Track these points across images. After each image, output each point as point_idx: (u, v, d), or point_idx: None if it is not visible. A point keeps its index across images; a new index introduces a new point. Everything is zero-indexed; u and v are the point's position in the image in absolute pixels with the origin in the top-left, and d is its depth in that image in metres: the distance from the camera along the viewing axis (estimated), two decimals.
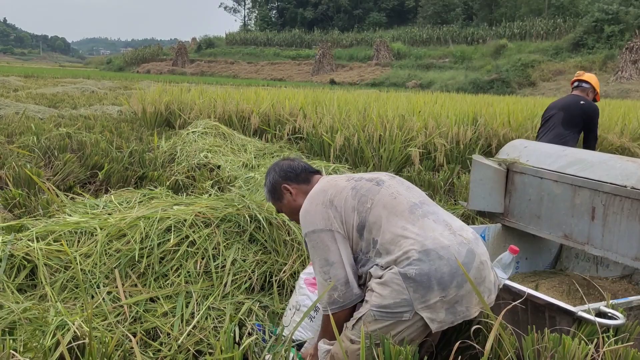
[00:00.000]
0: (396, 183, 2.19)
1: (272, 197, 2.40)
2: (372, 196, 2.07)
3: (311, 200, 2.16)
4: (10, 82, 21.04)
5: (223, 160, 5.79)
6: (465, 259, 1.92)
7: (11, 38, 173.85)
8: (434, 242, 1.91)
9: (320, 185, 2.23)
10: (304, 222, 2.13)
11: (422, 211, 2.05)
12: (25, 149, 6.04)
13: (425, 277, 1.86)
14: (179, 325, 2.43)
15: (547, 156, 3.41)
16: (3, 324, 2.00)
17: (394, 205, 2.04)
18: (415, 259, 1.88)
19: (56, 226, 2.81)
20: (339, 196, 2.11)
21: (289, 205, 2.35)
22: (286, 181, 2.34)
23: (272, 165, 2.44)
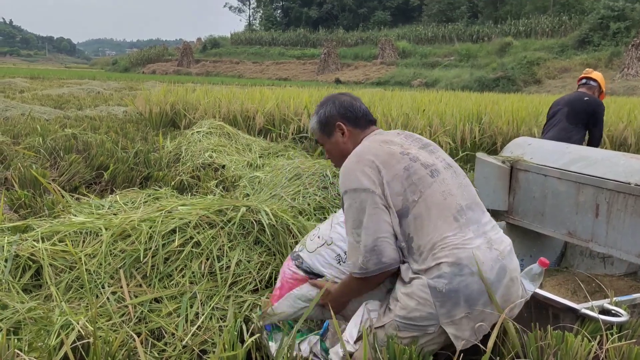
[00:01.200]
0: (450, 177, 2.02)
1: (321, 130, 2.24)
2: (422, 188, 1.92)
3: (358, 159, 2.01)
4: (16, 83, 21.15)
5: (228, 160, 5.81)
6: (496, 277, 1.85)
7: (17, 40, 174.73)
8: (468, 256, 1.82)
9: (373, 145, 2.06)
10: (345, 179, 1.99)
11: (466, 219, 1.92)
12: (31, 150, 6.08)
13: (454, 293, 1.80)
14: (184, 325, 2.44)
15: (551, 153, 3.40)
16: (8, 324, 2.02)
17: (442, 208, 1.90)
18: (447, 272, 1.81)
19: (61, 226, 2.83)
20: (390, 168, 1.95)
21: (336, 145, 2.21)
22: (343, 119, 2.19)
23: (330, 97, 2.27)
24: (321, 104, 2.27)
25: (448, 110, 8.34)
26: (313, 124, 2.27)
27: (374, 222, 1.89)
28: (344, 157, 2.11)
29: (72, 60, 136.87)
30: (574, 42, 39.00)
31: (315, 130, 2.27)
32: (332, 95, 2.27)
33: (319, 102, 2.30)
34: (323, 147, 2.30)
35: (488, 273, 1.83)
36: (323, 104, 2.25)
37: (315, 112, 2.27)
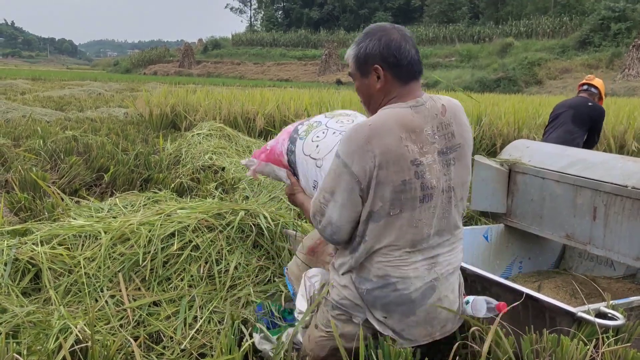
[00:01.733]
0: (440, 203, 1.89)
1: (356, 66, 1.94)
2: (404, 209, 1.83)
3: (369, 139, 1.78)
4: (17, 85, 21.21)
5: (228, 162, 5.82)
6: (420, 296, 1.88)
7: (19, 41, 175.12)
8: (399, 275, 1.86)
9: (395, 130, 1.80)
10: (346, 147, 1.82)
11: (426, 245, 1.89)
12: (32, 152, 6.09)
13: (372, 298, 1.88)
14: (182, 329, 2.45)
15: (549, 156, 3.41)
16: (7, 328, 2.04)
17: (407, 233, 1.85)
18: (372, 280, 1.87)
19: (61, 230, 2.84)
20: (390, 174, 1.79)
21: (367, 88, 1.93)
22: (384, 63, 1.86)
23: (378, 28, 1.91)
24: (366, 34, 1.92)
25: None
26: (350, 56, 1.96)
27: (345, 205, 1.83)
28: (371, 103, 1.95)
29: (73, 62, 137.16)
30: (575, 42, 39.03)
31: (350, 63, 1.97)
32: (381, 27, 1.91)
33: (365, 31, 1.95)
34: (353, 80, 2.03)
35: (413, 292, 1.87)
36: (367, 36, 1.90)
37: (355, 42, 1.95)
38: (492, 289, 2.55)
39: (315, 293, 2.12)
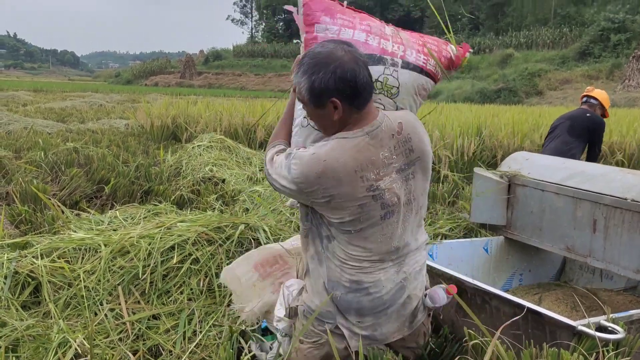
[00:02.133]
0: (403, 216, 1.94)
1: (310, 97, 1.84)
2: (364, 226, 1.87)
3: (322, 174, 1.79)
4: (19, 96, 21.29)
5: (228, 173, 5.84)
6: (392, 297, 1.95)
7: (21, 53, 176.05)
8: (371, 280, 1.92)
9: (349, 164, 1.81)
10: (299, 173, 1.82)
11: (396, 255, 1.96)
12: (33, 164, 6.11)
13: (347, 304, 1.92)
14: (181, 342, 2.45)
15: (548, 168, 3.42)
16: (7, 341, 2.04)
17: (374, 247, 1.90)
18: (346, 285, 1.91)
19: (61, 243, 2.85)
20: (344, 203, 1.82)
21: (322, 118, 1.88)
22: (340, 95, 1.80)
23: (331, 57, 1.79)
24: (317, 64, 1.80)
25: (448, 122, 8.37)
26: (301, 86, 1.85)
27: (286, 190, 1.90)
28: (327, 130, 1.91)
29: (75, 73, 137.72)
30: (575, 53, 39.14)
31: (303, 92, 1.85)
32: (334, 56, 1.79)
33: (314, 57, 1.82)
34: (302, 105, 1.94)
35: (384, 295, 1.93)
36: (320, 67, 1.79)
37: (305, 71, 1.82)
38: (492, 301, 2.55)
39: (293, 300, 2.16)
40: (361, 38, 1.93)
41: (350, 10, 1.99)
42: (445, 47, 2.08)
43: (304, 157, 1.83)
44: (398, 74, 1.96)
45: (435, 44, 2.06)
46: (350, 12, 1.98)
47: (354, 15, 1.97)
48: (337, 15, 1.94)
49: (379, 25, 1.99)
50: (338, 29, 1.92)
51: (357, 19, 1.96)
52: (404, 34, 2.04)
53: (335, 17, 1.93)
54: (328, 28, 1.92)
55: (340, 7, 1.98)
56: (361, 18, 1.98)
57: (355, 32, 1.93)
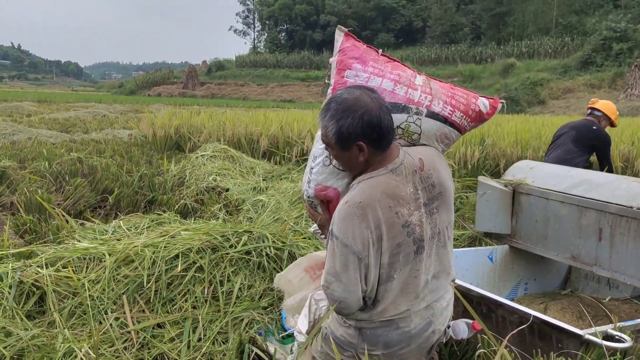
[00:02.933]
0: (432, 247, 2.00)
1: (337, 142, 1.90)
2: (402, 266, 1.91)
3: (363, 212, 1.85)
4: (23, 107, 21.36)
5: (232, 183, 5.84)
6: (419, 331, 1.99)
7: (25, 64, 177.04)
8: (401, 318, 1.96)
9: (383, 201, 1.87)
10: (340, 224, 1.85)
11: (428, 291, 2.00)
12: (37, 174, 6.13)
13: (375, 338, 1.96)
14: (186, 351, 2.44)
15: (553, 177, 3.41)
16: (12, 351, 2.03)
17: (409, 286, 1.94)
18: (376, 322, 1.95)
19: (65, 252, 2.85)
20: (386, 242, 1.88)
21: (348, 160, 1.95)
22: (366, 140, 1.88)
23: (357, 104, 1.87)
24: (345, 110, 1.88)
25: None
26: (329, 130, 1.91)
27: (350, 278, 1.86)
28: (352, 170, 2.00)
29: (79, 84, 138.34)
30: (577, 63, 39.22)
31: (330, 138, 1.92)
32: (360, 102, 1.88)
33: (341, 103, 1.89)
34: (327, 147, 2.01)
35: (412, 329, 1.98)
36: (348, 113, 1.87)
37: (333, 116, 1.90)
38: (498, 311, 2.54)
39: (321, 316, 2.15)
40: (389, 87, 2.00)
41: (384, 58, 2.06)
42: (475, 100, 2.11)
43: (340, 213, 1.87)
44: (421, 122, 2.03)
45: (465, 97, 2.09)
46: (383, 61, 2.05)
47: (386, 64, 2.04)
48: (369, 63, 2.02)
49: (409, 75, 2.06)
50: (367, 77, 2.01)
51: (389, 68, 2.03)
52: (435, 84, 2.09)
53: (367, 65, 2.01)
54: (358, 75, 2.00)
55: (375, 54, 2.05)
56: (392, 67, 2.05)
57: (383, 80, 2.01)
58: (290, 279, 2.45)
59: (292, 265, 2.56)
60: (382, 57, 2.06)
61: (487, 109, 2.11)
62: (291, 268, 2.54)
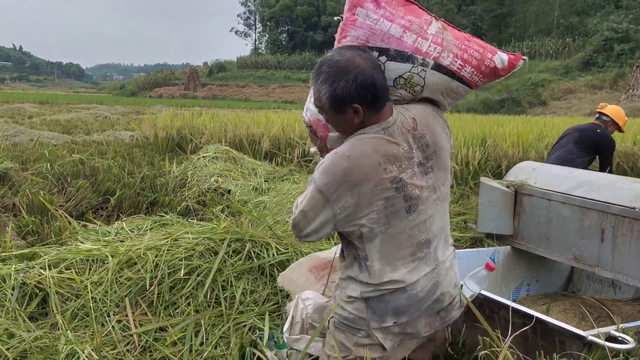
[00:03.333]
0: (429, 207, 1.96)
1: (331, 104, 1.88)
2: (392, 221, 1.88)
3: (347, 171, 1.82)
4: (25, 109, 21.39)
5: (233, 184, 5.84)
6: (426, 294, 1.96)
7: (27, 65, 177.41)
8: (405, 280, 1.93)
9: (373, 157, 1.85)
10: (323, 171, 1.85)
11: (425, 252, 1.96)
12: (39, 175, 6.13)
13: (383, 305, 1.92)
14: (188, 355, 2.43)
15: (555, 178, 3.41)
16: (15, 353, 2.03)
17: (403, 246, 1.92)
18: (378, 288, 1.92)
19: (68, 254, 2.85)
20: (369, 199, 1.85)
21: (344, 123, 1.93)
22: (361, 102, 1.86)
23: (350, 65, 1.84)
24: (338, 72, 1.85)
25: (452, 133, 8.35)
26: (322, 94, 1.89)
27: (318, 229, 1.87)
28: (347, 132, 1.96)
29: (80, 85, 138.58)
30: (578, 63, 39.20)
31: (324, 102, 1.89)
32: (353, 63, 1.84)
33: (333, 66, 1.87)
34: (320, 112, 1.99)
35: (420, 292, 1.94)
36: (341, 75, 1.84)
37: (326, 80, 1.87)
38: (501, 312, 2.53)
39: (308, 316, 2.16)
40: (397, 33, 1.89)
41: (400, 1, 1.93)
42: (492, 55, 1.99)
43: (325, 161, 1.86)
44: (426, 74, 1.94)
45: (480, 51, 1.98)
46: (397, 3, 1.91)
47: (400, 8, 1.91)
48: (382, 4, 1.89)
49: (422, 22, 1.92)
50: (377, 19, 1.89)
51: (401, 12, 1.90)
52: (449, 34, 1.96)
53: (379, 6, 1.89)
54: (368, 15, 1.89)
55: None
56: (406, 11, 1.91)
57: (392, 25, 1.89)
58: (294, 279, 2.45)
59: (295, 264, 2.57)
60: (399, 1, 1.92)
61: (504, 64, 2.00)
62: (294, 267, 2.54)
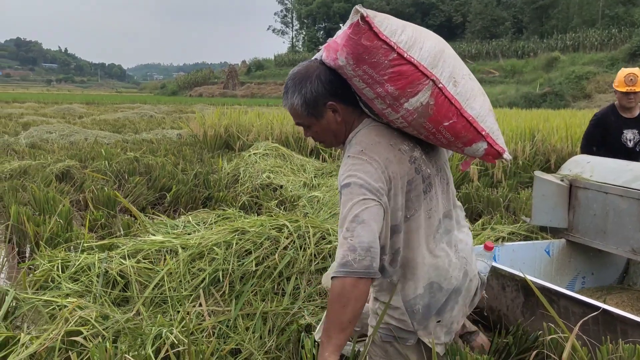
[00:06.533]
0: (438, 185, 1.95)
1: (307, 112, 1.86)
2: (417, 206, 1.86)
3: (370, 157, 1.77)
4: (74, 109, 22.16)
5: (285, 180, 5.99)
6: (460, 283, 1.97)
7: (72, 67, 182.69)
8: (438, 274, 1.92)
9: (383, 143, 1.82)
10: (351, 170, 1.76)
11: (443, 230, 1.96)
12: (99, 172, 6.42)
13: (427, 309, 1.91)
14: (258, 342, 2.53)
15: (611, 171, 3.43)
16: (110, 333, 2.21)
17: (426, 226, 1.90)
18: (421, 293, 1.90)
19: (144, 245, 3.04)
20: (398, 181, 1.80)
21: (327, 127, 1.89)
22: (334, 98, 1.84)
23: (308, 69, 1.86)
24: (301, 80, 1.85)
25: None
26: (295, 105, 1.87)
27: (375, 221, 1.69)
28: (337, 137, 1.93)
29: (122, 85, 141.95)
30: (625, 55, 38.05)
31: (299, 112, 1.87)
32: (310, 68, 1.87)
33: (294, 78, 1.87)
34: (306, 130, 1.95)
35: (454, 283, 1.95)
36: (304, 81, 1.84)
37: (294, 90, 1.86)
38: (561, 301, 2.59)
39: None
40: (369, 95, 1.77)
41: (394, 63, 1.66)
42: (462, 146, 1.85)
43: (344, 167, 1.80)
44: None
45: (451, 140, 1.82)
46: (386, 65, 1.67)
47: (388, 71, 1.67)
48: (362, 66, 1.69)
49: (402, 93, 1.69)
50: (354, 75, 1.73)
51: (385, 77, 1.69)
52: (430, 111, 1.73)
53: (359, 66, 1.70)
54: (346, 67, 1.72)
55: (384, 56, 1.66)
56: (390, 77, 1.68)
57: (366, 88, 1.74)
58: None
59: None
60: (392, 62, 1.66)
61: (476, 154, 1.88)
62: None
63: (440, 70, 1.70)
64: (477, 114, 1.78)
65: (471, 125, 1.77)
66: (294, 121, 1.96)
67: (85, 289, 2.70)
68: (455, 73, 1.75)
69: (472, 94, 1.79)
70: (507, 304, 2.82)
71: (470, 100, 1.77)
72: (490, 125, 1.82)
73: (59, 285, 2.70)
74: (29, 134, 11.04)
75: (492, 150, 1.84)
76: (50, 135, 10.92)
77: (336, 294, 1.64)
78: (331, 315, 1.66)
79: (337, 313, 1.64)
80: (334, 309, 1.65)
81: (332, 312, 1.65)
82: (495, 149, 1.84)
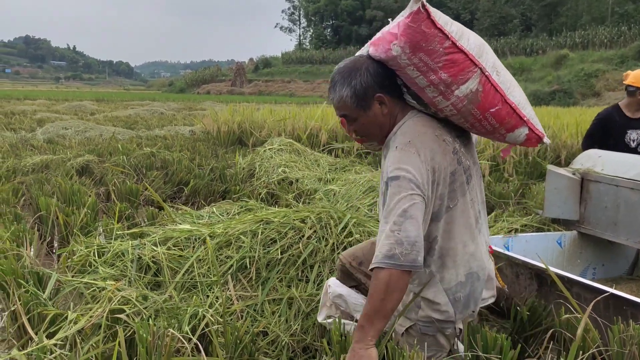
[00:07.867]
0: (475, 178, 2.05)
1: (356, 103, 1.92)
2: (459, 196, 1.94)
3: (416, 149, 1.84)
4: (85, 106, 22.38)
5: (300, 174, 6.12)
6: (490, 271, 2.10)
7: (80, 64, 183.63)
8: (477, 264, 2.01)
9: (428, 133, 1.91)
10: (400, 162, 1.82)
11: (480, 224, 2.05)
12: (118, 167, 6.58)
13: (466, 299, 2.00)
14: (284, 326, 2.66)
15: (622, 165, 3.54)
16: (150, 311, 2.36)
17: (467, 216, 1.97)
18: (462, 281, 1.97)
19: (174, 233, 3.18)
20: (441, 171, 1.88)
21: (374, 120, 1.96)
22: (382, 90, 1.92)
23: (360, 61, 1.93)
24: (350, 73, 1.92)
25: None
26: (344, 97, 1.92)
27: (421, 217, 1.77)
28: (381, 131, 1.99)
29: (130, 83, 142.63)
30: (635, 52, 37.93)
31: (347, 104, 1.93)
32: (358, 62, 1.94)
33: (343, 71, 1.94)
34: (351, 123, 2.00)
35: (487, 274, 2.07)
36: (354, 73, 1.91)
37: (343, 82, 1.92)
38: (573, 288, 2.71)
39: (331, 299, 2.31)
40: (421, 84, 1.86)
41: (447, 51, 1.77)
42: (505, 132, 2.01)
43: (392, 159, 1.85)
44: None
45: (496, 126, 1.95)
46: (441, 53, 1.77)
47: (442, 58, 1.78)
48: (419, 54, 1.78)
49: (453, 80, 1.81)
50: (408, 64, 1.82)
51: (439, 65, 1.79)
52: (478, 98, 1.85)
53: (415, 54, 1.78)
54: (401, 56, 1.80)
55: (439, 43, 1.76)
56: (445, 65, 1.79)
57: (420, 76, 1.83)
58: None
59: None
60: (446, 50, 1.77)
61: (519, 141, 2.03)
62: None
63: (485, 60, 1.83)
64: (519, 102, 1.92)
65: (514, 111, 1.90)
66: (338, 113, 2.01)
67: (120, 273, 2.84)
68: (496, 64, 1.88)
69: (512, 84, 1.93)
70: (521, 292, 2.94)
71: (511, 89, 1.91)
72: (530, 111, 1.96)
73: (96, 270, 2.85)
74: (46, 130, 11.24)
75: (533, 134, 1.98)
76: (66, 131, 11.11)
77: (383, 283, 1.71)
78: (376, 303, 1.72)
79: (382, 301, 1.71)
80: (379, 297, 1.71)
81: (377, 300, 1.72)
82: (536, 134, 1.98)
